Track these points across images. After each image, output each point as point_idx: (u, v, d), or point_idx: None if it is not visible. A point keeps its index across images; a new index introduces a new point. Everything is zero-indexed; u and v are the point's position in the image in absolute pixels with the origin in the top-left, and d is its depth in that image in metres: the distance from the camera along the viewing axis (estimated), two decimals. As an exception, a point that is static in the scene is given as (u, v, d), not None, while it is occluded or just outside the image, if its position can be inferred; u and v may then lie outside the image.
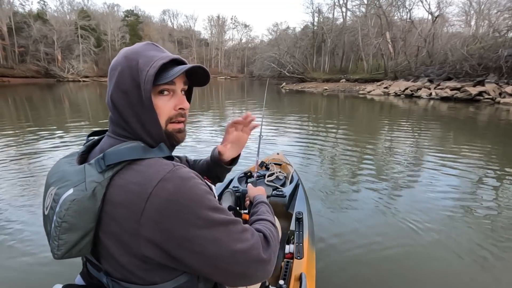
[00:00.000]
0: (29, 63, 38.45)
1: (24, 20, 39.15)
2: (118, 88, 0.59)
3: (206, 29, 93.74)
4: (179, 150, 5.11)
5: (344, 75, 30.76)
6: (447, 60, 19.35)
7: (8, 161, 4.37)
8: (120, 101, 0.59)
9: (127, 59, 0.59)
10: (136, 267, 0.55)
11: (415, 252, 2.24)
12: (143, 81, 0.57)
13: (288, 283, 1.24)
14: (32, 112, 10.47)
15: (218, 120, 9.21)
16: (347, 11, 35.79)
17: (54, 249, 0.53)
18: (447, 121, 9.49)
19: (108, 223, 0.53)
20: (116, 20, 54.94)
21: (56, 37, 39.98)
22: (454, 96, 15.99)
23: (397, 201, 3.15)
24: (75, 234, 0.52)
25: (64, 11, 51.13)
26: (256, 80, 46.06)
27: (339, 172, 4.20)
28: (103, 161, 0.54)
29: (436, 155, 4.98)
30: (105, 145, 0.62)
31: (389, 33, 26.61)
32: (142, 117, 0.60)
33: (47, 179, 0.60)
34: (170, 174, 0.53)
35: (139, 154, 0.56)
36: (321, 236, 2.36)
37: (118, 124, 0.62)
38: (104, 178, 0.53)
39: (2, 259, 2.11)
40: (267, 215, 0.75)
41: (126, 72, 0.58)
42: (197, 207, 0.52)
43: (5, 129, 6.89)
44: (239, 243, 0.56)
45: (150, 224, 0.51)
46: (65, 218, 0.51)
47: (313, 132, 7.35)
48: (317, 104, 15.54)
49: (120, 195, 0.52)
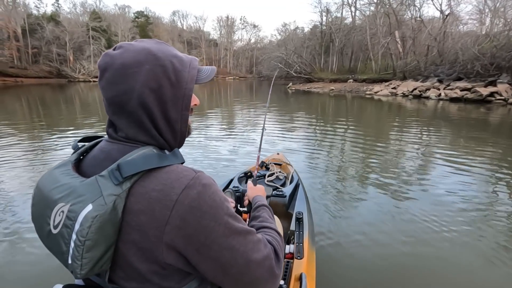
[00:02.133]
0: (42, 63, 39.55)
1: (37, 22, 40.24)
2: (147, 86, 0.57)
3: (215, 30, 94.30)
4: (191, 146, 5.39)
5: (352, 75, 30.41)
6: (458, 60, 18.85)
7: (20, 158, 4.53)
8: (149, 99, 0.58)
9: (156, 57, 0.58)
10: (154, 273, 0.55)
11: (417, 253, 2.22)
12: (185, 81, 0.60)
13: (288, 283, 1.24)
14: (44, 111, 10.96)
15: (227, 118, 9.39)
16: (356, 10, 35.44)
17: (77, 269, 0.50)
18: (457, 122, 9.20)
19: (129, 232, 0.52)
20: (126, 21, 55.88)
21: (68, 38, 40.91)
22: (464, 97, 15.54)
23: (399, 202, 3.11)
24: (99, 250, 0.51)
25: (76, 13, 52.33)
26: (265, 81, 46.19)
27: (340, 172, 4.18)
28: (118, 173, 0.52)
29: (445, 158, 4.81)
30: (113, 151, 0.59)
31: (398, 32, 26.16)
32: (171, 115, 0.61)
33: (46, 195, 0.56)
34: (193, 181, 0.54)
35: (156, 163, 0.55)
36: (321, 236, 2.38)
37: (136, 124, 0.59)
38: (122, 190, 0.51)
39: (2, 259, 2.12)
40: (270, 221, 0.76)
41: (158, 70, 0.57)
42: (217, 214, 0.54)
43: (19, 127, 7.19)
44: (254, 253, 0.57)
45: (174, 231, 0.51)
46: (88, 236, 0.49)
47: (316, 132, 7.35)
48: (321, 104, 15.41)
49: (142, 203, 0.52)
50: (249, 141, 6.00)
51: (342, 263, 2.07)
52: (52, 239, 0.54)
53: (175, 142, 0.64)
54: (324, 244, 2.28)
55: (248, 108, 12.80)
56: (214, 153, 4.99)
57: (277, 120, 9.01)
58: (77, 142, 0.68)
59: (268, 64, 41.27)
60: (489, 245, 2.34)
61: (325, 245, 2.27)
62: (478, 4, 28.07)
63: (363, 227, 2.57)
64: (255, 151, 4.81)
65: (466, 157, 4.87)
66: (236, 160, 4.55)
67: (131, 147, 0.59)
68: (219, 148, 5.35)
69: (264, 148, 5.17)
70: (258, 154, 1.67)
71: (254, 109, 12.54)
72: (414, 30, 25.90)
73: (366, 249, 2.26)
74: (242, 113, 11.15)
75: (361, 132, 7.41)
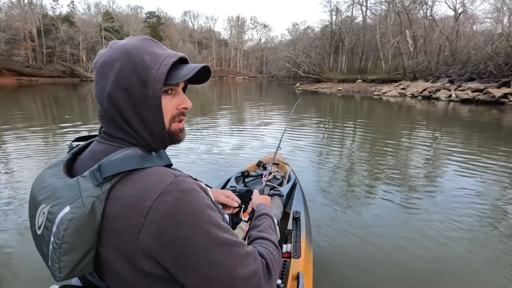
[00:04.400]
0: (56, 63, 40.62)
1: (52, 22, 41.36)
2: (117, 85, 0.55)
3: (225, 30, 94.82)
4: (196, 142, 5.42)
5: (361, 75, 29.86)
6: (470, 60, 18.17)
7: (33, 154, 4.71)
8: (120, 99, 0.55)
9: (128, 54, 0.55)
10: (138, 280, 0.53)
11: (415, 254, 2.22)
12: (152, 80, 0.55)
13: (286, 282, 1.23)
14: (58, 108, 11.57)
15: (236, 119, 9.48)
16: (367, 9, 34.79)
17: (55, 272, 0.49)
18: (469, 124, 8.82)
19: (107, 237, 0.51)
20: (138, 21, 56.83)
21: (82, 38, 41.88)
22: (476, 98, 14.94)
23: (399, 203, 3.09)
24: (77, 254, 0.49)
25: (91, 14, 53.55)
26: (274, 81, 46.12)
27: (339, 172, 4.17)
28: (99, 173, 0.50)
29: (456, 160, 4.63)
30: (98, 151, 0.57)
31: (409, 31, 25.48)
32: (145, 116, 0.57)
33: (34, 195, 0.55)
34: (170, 187, 0.50)
35: (137, 164, 0.52)
36: (319, 235, 2.38)
37: (114, 124, 0.57)
38: (102, 191, 0.49)
39: (2, 259, 2.12)
40: (269, 232, 0.70)
41: (128, 68, 0.54)
42: (196, 223, 0.50)
43: (34, 124, 7.54)
44: (239, 268, 0.52)
45: (149, 239, 0.49)
46: (64, 239, 0.47)
47: (319, 132, 7.31)
48: (326, 104, 15.20)
49: (118, 208, 0.50)
50: (246, 141, 5.97)
51: (339, 262, 2.09)
52: (37, 240, 0.54)
53: (156, 144, 0.60)
54: (321, 244, 2.29)
55: (258, 108, 12.87)
56: (219, 149, 5.06)
57: (282, 120, 9.02)
58: (72, 142, 0.65)
59: (276, 64, 41.10)
60: (496, 252, 2.24)
61: (322, 245, 2.28)
62: (496, 2, 27.04)
63: (361, 227, 2.58)
64: (251, 154, 4.84)
65: (478, 161, 4.64)
66: (239, 159, 4.54)
67: (115, 147, 0.56)
68: (225, 145, 5.42)
69: (263, 148, 5.25)
70: (276, 151, 1.81)
71: (263, 109, 12.56)
72: (425, 28, 25.17)
73: (363, 248, 2.26)
74: (251, 112, 11.23)
75: (362, 132, 7.30)
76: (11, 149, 5.10)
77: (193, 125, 7.74)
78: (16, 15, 39.23)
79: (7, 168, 4.12)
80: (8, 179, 3.66)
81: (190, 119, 8.65)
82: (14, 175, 3.81)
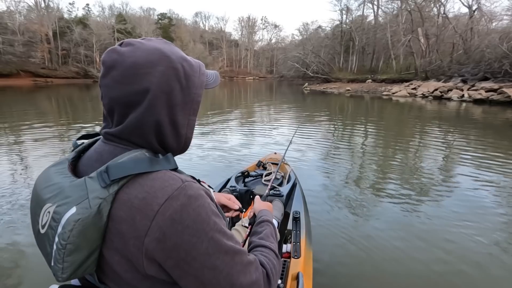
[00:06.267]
0: (70, 65, 41.88)
1: (67, 25, 42.61)
2: (159, 88, 0.55)
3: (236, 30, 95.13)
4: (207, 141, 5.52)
5: (372, 75, 29.36)
6: (484, 58, 17.53)
7: (48, 152, 4.90)
8: (158, 101, 0.55)
9: (169, 59, 0.56)
10: (139, 282, 0.53)
11: (419, 258, 2.17)
12: (194, 86, 0.59)
13: (285, 282, 1.24)
14: (71, 108, 12.14)
15: (239, 119, 9.48)
16: (378, 9, 34.15)
17: (58, 272, 0.49)
18: (482, 126, 8.49)
19: (112, 239, 0.51)
20: (150, 23, 57.77)
21: (95, 40, 42.94)
22: (490, 99, 14.39)
23: (404, 205, 3.03)
24: (81, 254, 0.49)
25: (105, 16, 54.83)
26: (284, 81, 46.04)
27: (339, 172, 4.11)
28: (107, 175, 0.50)
29: (469, 163, 4.47)
30: (105, 153, 0.57)
31: (421, 29, 24.83)
32: (178, 118, 0.59)
33: (38, 193, 0.55)
34: (178, 192, 0.51)
35: (146, 167, 0.52)
36: (318, 235, 2.34)
37: (134, 126, 0.56)
38: (109, 193, 0.49)
39: (2, 258, 2.12)
40: (270, 240, 0.70)
41: (170, 72, 0.56)
42: (201, 229, 0.51)
43: (49, 123, 7.84)
44: (241, 276, 0.53)
45: (153, 243, 0.49)
46: (70, 240, 0.47)
47: (320, 132, 7.23)
48: (332, 104, 15.01)
49: (124, 210, 0.50)
50: (245, 140, 5.98)
51: (339, 263, 2.08)
52: (40, 239, 0.54)
53: (178, 147, 0.62)
54: (321, 244, 2.27)
55: (268, 107, 12.92)
56: (220, 149, 5.12)
57: (289, 120, 9.02)
58: (76, 140, 0.65)
59: (285, 64, 40.93)
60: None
61: (322, 245, 2.26)
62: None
63: (361, 228, 2.56)
64: (251, 154, 4.85)
65: (493, 164, 4.43)
66: (239, 159, 4.58)
67: (123, 149, 0.56)
68: (226, 145, 5.46)
69: (263, 148, 5.29)
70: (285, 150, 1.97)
71: (274, 108, 12.57)
72: (439, 26, 24.47)
73: (363, 249, 2.24)
74: (261, 112, 11.28)
75: (365, 132, 7.15)
76: (27, 146, 5.34)
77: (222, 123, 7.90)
78: (34, 18, 40.61)
79: (22, 165, 4.31)
80: (23, 175, 3.86)
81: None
82: (29, 172, 3.99)
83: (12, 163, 4.36)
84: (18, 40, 35.67)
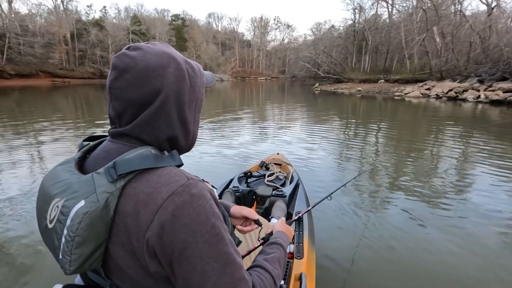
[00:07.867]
0: (87, 65, 43.13)
1: (84, 27, 43.86)
2: (171, 88, 0.59)
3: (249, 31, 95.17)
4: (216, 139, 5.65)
5: (385, 75, 28.75)
6: (502, 57, 16.88)
7: (63, 147, 5.14)
8: (169, 100, 0.59)
9: (176, 62, 0.60)
10: (143, 278, 0.54)
11: (419, 257, 2.17)
12: (198, 85, 0.64)
13: (288, 283, 1.24)
14: (87, 107, 12.66)
15: (252, 119, 9.59)
16: (392, 7, 33.46)
17: (66, 265, 0.50)
18: (501, 128, 8.04)
19: (117, 234, 0.52)
20: (164, 24, 58.66)
21: (111, 41, 44.02)
22: (508, 99, 13.79)
23: (411, 207, 2.98)
24: (88, 247, 0.50)
25: (121, 18, 56.14)
26: (297, 81, 45.75)
27: (343, 172, 4.10)
28: (114, 170, 0.52)
29: (487, 167, 4.28)
30: (113, 151, 0.59)
31: (436, 28, 24.14)
32: (186, 116, 0.63)
33: (46, 190, 0.57)
34: (182, 189, 0.52)
35: (152, 163, 0.54)
36: (321, 236, 2.34)
37: (146, 123, 0.59)
38: (116, 188, 0.51)
39: (2, 259, 2.14)
40: (275, 266, 0.68)
41: (179, 74, 0.60)
42: (197, 230, 0.51)
43: (67, 122, 8.18)
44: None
45: (153, 238, 0.50)
46: (78, 232, 0.49)
47: (322, 132, 7.12)
48: (340, 104, 14.77)
49: (130, 205, 0.51)
50: (245, 140, 5.99)
51: (342, 263, 2.07)
52: (47, 234, 0.55)
53: (186, 143, 0.65)
54: (324, 244, 2.26)
55: (280, 107, 12.96)
56: (221, 150, 5.16)
57: (296, 120, 8.98)
58: (82, 141, 0.68)
59: (297, 64, 40.68)
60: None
61: (325, 245, 2.25)
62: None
63: (365, 229, 2.53)
64: (254, 154, 4.86)
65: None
66: (242, 159, 4.60)
67: (130, 147, 0.58)
68: (227, 145, 5.49)
69: (264, 148, 5.29)
70: None
71: (286, 110, 12.56)
72: (455, 25, 23.72)
73: (366, 250, 2.23)
74: (273, 113, 11.31)
75: (368, 132, 7.00)
76: (44, 141, 5.58)
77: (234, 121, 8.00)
78: (53, 21, 42.03)
79: (39, 159, 4.52)
80: (38, 169, 4.04)
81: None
82: (43, 165, 4.19)
83: (31, 157, 4.61)
84: (38, 41, 36.99)
